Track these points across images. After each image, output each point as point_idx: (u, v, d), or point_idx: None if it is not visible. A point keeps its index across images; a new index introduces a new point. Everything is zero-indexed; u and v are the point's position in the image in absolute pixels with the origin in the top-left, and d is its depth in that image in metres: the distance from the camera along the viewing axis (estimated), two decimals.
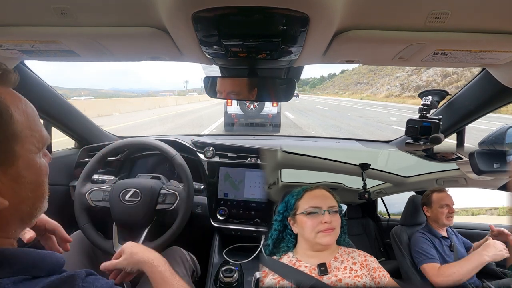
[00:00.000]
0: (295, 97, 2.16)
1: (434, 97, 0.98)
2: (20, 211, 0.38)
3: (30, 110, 0.39)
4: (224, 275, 0.88)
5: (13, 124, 0.35)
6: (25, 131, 0.36)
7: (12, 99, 0.36)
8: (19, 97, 0.38)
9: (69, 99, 1.21)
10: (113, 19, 0.55)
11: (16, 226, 0.39)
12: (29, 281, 0.34)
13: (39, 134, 0.39)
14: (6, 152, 0.35)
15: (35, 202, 0.40)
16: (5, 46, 0.65)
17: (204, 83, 0.89)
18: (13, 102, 0.36)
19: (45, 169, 0.41)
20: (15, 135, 0.35)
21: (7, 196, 0.35)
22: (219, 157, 1.16)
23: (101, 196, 0.94)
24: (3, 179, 0.34)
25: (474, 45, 0.57)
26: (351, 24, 0.54)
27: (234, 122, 6.80)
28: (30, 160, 0.38)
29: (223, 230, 1.11)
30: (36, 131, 0.38)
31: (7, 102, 0.35)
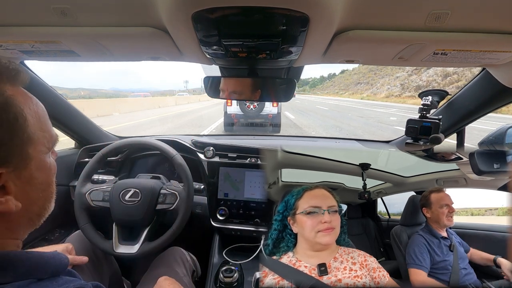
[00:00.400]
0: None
1: (434, 97, 0.98)
2: (30, 212, 0.38)
3: (41, 110, 0.38)
4: (224, 275, 0.88)
5: (27, 127, 0.35)
6: (37, 133, 0.36)
7: (24, 100, 0.36)
8: (30, 97, 0.38)
9: (68, 100, 1.21)
10: (113, 19, 0.55)
11: (25, 227, 0.39)
12: (35, 284, 0.34)
13: (49, 134, 0.39)
14: (21, 155, 0.35)
15: (44, 202, 0.40)
16: (5, 46, 0.65)
17: (204, 83, 0.89)
18: (26, 103, 0.36)
19: (54, 168, 0.41)
20: (29, 138, 0.35)
21: (20, 198, 0.35)
22: (219, 157, 1.16)
23: (101, 196, 0.94)
24: (17, 182, 0.34)
25: (474, 45, 0.57)
26: (351, 24, 0.54)
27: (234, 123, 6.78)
28: (42, 161, 0.38)
29: (223, 230, 1.11)
30: (46, 131, 0.38)
31: (20, 104, 0.35)
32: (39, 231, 1.08)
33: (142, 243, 0.89)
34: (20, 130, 0.34)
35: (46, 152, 0.38)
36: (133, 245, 0.89)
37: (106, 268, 0.91)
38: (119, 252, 0.87)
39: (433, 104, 0.96)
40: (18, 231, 0.38)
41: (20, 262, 0.34)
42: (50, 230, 1.15)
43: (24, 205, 0.35)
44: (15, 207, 0.34)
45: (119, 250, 0.88)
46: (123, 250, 0.88)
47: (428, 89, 1.02)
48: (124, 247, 0.89)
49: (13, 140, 0.33)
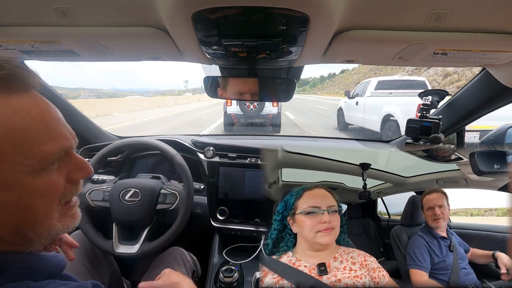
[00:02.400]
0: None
1: (434, 97, 0.98)
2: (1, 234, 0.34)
3: (21, 124, 0.33)
4: (224, 275, 0.88)
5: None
6: (6, 150, 0.32)
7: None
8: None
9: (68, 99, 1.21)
10: (113, 19, 0.55)
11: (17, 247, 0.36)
12: (32, 284, 0.33)
13: (30, 152, 0.33)
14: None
15: (18, 227, 0.34)
16: (5, 46, 0.65)
17: (204, 83, 0.89)
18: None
19: (41, 190, 0.35)
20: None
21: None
22: (219, 157, 1.16)
23: (101, 196, 0.94)
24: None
25: (474, 45, 0.57)
26: (351, 24, 0.54)
27: (234, 123, 6.77)
28: (8, 180, 0.33)
29: (223, 230, 1.11)
30: (26, 147, 0.33)
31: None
32: None
33: (142, 243, 0.89)
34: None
35: (26, 171, 0.33)
36: (133, 245, 0.89)
37: (106, 268, 0.91)
38: (119, 252, 0.87)
39: (433, 104, 0.97)
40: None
41: (17, 263, 0.34)
42: None
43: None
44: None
45: (119, 250, 0.88)
46: (123, 250, 0.88)
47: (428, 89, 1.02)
48: (124, 247, 0.89)
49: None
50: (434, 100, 0.97)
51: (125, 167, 1.32)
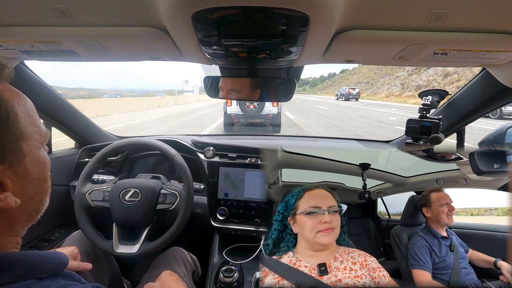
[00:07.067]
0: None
1: (434, 97, 0.98)
2: (28, 208, 0.38)
3: (29, 105, 0.39)
4: (224, 275, 0.88)
5: (19, 123, 0.35)
6: (29, 128, 0.37)
7: (12, 95, 0.36)
8: (18, 93, 0.38)
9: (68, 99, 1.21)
10: (113, 19, 0.55)
11: (24, 223, 0.39)
12: (36, 284, 0.34)
13: (40, 129, 0.39)
14: (15, 152, 0.35)
15: (42, 197, 0.40)
16: (5, 46, 0.65)
17: (204, 83, 0.89)
18: (14, 98, 0.36)
19: (48, 163, 0.41)
20: (22, 134, 0.35)
21: (18, 194, 0.35)
22: (219, 157, 1.16)
23: (101, 196, 0.94)
24: (13, 178, 0.35)
25: (474, 45, 0.57)
26: (351, 24, 0.54)
27: (233, 122, 6.76)
28: (36, 156, 0.38)
29: (223, 230, 1.11)
30: (37, 126, 0.39)
31: (9, 99, 0.35)
32: (39, 231, 1.09)
33: (142, 243, 0.89)
34: (12, 126, 0.34)
35: (39, 147, 0.39)
36: (133, 245, 0.89)
37: (106, 268, 0.91)
38: (119, 252, 0.87)
39: (433, 104, 0.97)
40: (17, 227, 0.38)
41: (19, 262, 0.34)
42: (50, 230, 1.15)
43: (22, 201, 0.36)
44: (14, 203, 0.34)
45: (119, 250, 0.88)
46: (123, 250, 0.88)
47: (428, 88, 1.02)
48: (124, 247, 0.89)
49: (6, 137, 0.34)
50: (434, 100, 0.97)
51: (125, 167, 1.32)
